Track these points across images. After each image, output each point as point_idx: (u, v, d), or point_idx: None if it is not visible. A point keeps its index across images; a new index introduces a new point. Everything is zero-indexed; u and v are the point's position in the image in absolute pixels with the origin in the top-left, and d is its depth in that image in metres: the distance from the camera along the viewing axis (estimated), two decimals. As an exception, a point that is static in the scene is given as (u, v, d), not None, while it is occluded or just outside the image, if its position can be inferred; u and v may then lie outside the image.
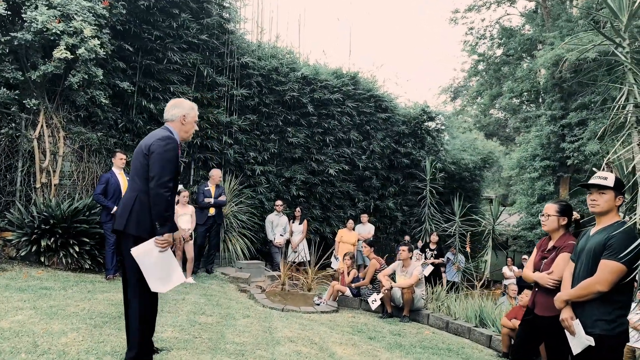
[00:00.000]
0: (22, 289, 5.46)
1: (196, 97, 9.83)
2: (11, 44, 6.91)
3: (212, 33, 9.97)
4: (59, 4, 6.82)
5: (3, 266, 6.78)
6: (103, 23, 7.77)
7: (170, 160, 3.19)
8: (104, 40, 7.74)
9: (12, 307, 4.71)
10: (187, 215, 7.90)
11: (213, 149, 10.09)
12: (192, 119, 3.50)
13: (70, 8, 6.91)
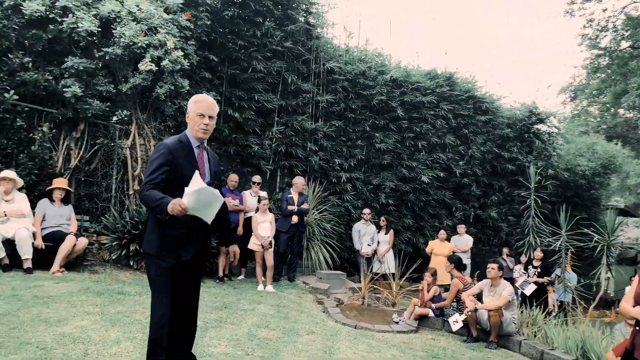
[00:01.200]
0: (99, 293, 5.68)
1: (281, 104, 9.83)
2: (104, 59, 7.35)
3: (297, 40, 9.91)
4: (143, 18, 7.11)
5: (95, 269, 7.19)
6: (188, 35, 8.02)
7: (153, 161, 3.02)
8: (190, 52, 7.98)
9: (82, 312, 4.87)
10: (267, 222, 7.83)
11: (298, 156, 10.00)
12: (193, 114, 3.14)
13: (154, 22, 7.17)
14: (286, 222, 8.44)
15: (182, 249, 3.06)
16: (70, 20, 6.83)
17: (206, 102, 3.18)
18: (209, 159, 3.27)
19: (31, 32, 6.97)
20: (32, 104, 7.13)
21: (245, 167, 9.58)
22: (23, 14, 6.73)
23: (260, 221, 7.76)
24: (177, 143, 3.13)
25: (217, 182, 3.33)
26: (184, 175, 3.00)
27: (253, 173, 9.12)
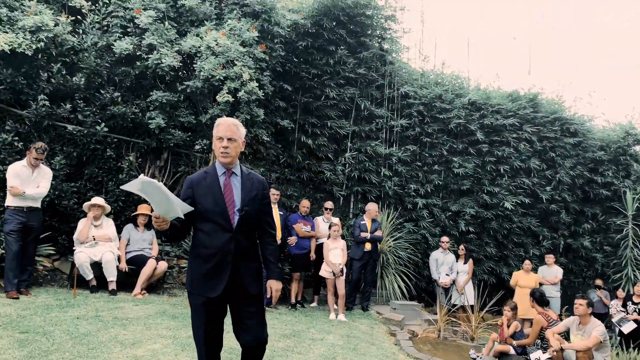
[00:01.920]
0: (174, 317, 5.86)
1: (354, 130, 9.83)
2: (185, 92, 7.78)
3: (370, 66, 9.93)
4: (221, 52, 7.45)
5: (174, 292, 7.48)
6: (263, 66, 8.29)
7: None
8: (265, 82, 8.23)
9: (155, 335, 5.04)
10: (338, 249, 7.76)
11: (371, 181, 9.88)
12: (214, 138, 3.04)
13: (231, 55, 7.49)
14: (359, 249, 8.32)
15: (209, 285, 2.96)
16: (155, 56, 7.32)
17: (224, 124, 3.02)
18: (243, 184, 3.06)
19: (121, 69, 7.55)
20: (121, 135, 7.67)
21: (318, 193, 9.62)
22: (114, 53, 7.32)
23: (332, 248, 7.70)
24: (202, 175, 3.07)
25: (257, 206, 3.06)
26: (205, 208, 2.96)
27: (326, 199, 9.12)
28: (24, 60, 6.88)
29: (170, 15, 7.95)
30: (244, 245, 3.02)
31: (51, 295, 6.18)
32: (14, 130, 6.92)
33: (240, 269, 3.00)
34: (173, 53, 7.47)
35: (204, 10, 7.95)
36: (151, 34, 7.42)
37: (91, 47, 7.27)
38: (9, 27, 6.42)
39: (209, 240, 2.97)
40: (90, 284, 6.71)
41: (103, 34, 7.44)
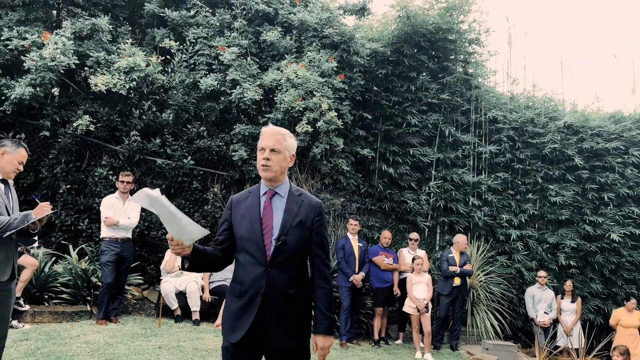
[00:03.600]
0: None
1: (438, 158, 9.42)
2: (266, 124, 7.89)
3: (454, 91, 9.56)
4: (300, 84, 7.51)
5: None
6: (343, 95, 8.26)
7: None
8: (344, 112, 8.18)
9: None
10: (423, 283, 7.32)
11: (459, 211, 9.35)
12: (258, 151, 2.60)
13: (310, 86, 7.53)
14: (447, 284, 7.81)
15: (233, 327, 2.44)
16: (238, 91, 7.53)
17: (267, 133, 2.53)
18: (287, 207, 2.51)
19: (206, 104, 7.85)
20: (206, 167, 7.91)
21: (401, 223, 9.25)
22: (200, 89, 7.63)
23: (416, 282, 7.28)
24: (245, 194, 2.61)
25: (303, 236, 2.47)
26: (239, 235, 2.51)
27: (409, 230, 8.74)
28: (118, 99, 7.37)
29: (253, 51, 8.20)
30: (280, 284, 2.41)
31: (138, 324, 6.35)
32: (109, 165, 7.38)
33: (267, 313, 2.41)
34: (255, 87, 7.65)
35: (284, 45, 8.12)
36: (234, 69, 7.67)
37: (179, 84, 7.64)
38: (106, 69, 6.92)
39: (243, 274, 2.47)
40: (175, 313, 6.83)
41: (190, 72, 7.80)
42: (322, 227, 2.55)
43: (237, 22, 8.05)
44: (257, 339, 2.42)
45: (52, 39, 6.49)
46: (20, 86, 6.48)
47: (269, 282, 2.40)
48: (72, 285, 6.60)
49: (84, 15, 7.20)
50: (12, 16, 6.97)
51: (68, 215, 7.28)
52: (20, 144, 3.72)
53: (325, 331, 2.46)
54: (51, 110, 7.15)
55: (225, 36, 7.99)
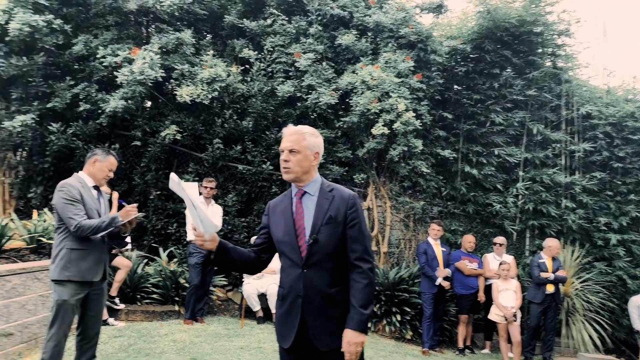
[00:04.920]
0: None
1: (526, 157, 8.88)
2: (342, 128, 7.90)
3: (541, 86, 8.97)
4: (375, 85, 7.43)
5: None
6: (420, 95, 8.05)
7: None
8: (422, 112, 7.97)
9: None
10: (510, 290, 6.91)
11: (550, 214, 8.74)
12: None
13: (385, 87, 7.42)
14: (539, 291, 7.31)
15: (282, 332, 2.46)
16: (314, 96, 7.59)
17: (285, 134, 2.51)
18: (317, 205, 2.42)
19: (283, 110, 8.00)
20: (284, 172, 8.05)
21: (487, 227, 8.81)
22: (277, 96, 7.79)
23: (502, 289, 6.88)
24: (281, 198, 2.62)
25: (336, 232, 2.38)
26: (276, 238, 2.50)
27: (495, 234, 8.31)
28: (202, 109, 7.72)
29: (328, 56, 8.24)
30: (318, 285, 2.35)
31: (222, 324, 6.56)
32: (194, 172, 7.74)
33: (310, 315, 2.35)
34: (330, 91, 7.67)
35: (359, 47, 8.08)
36: (310, 75, 7.75)
37: (258, 92, 7.85)
38: (190, 81, 7.27)
39: (284, 277, 2.47)
40: (257, 315, 6.98)
41: (268, 80, 7.99)
42: (357, 220, 2.41)
43: (313, 28, 8.14)
44: (304, 342, 2.37)
45: (140, 54, 6.93)
46: (114, 100, 6.97)
47: (307, 284, 2.35)
48: (162, 286, 6.97)
49: (170, 31, 7.63)
50: (106, 35, 7.54)
51: (158, 219, 7.72)
52: (109, 152, 3.98)
53: (355, 327, 2.29)
54: (142, 121, 7.64)
55: (301, 43, 8.10)
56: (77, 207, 3.65)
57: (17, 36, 6.80)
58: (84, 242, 3.66)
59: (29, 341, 4.92)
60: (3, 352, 4.56)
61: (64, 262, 3.64)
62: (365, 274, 2.34)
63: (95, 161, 3.89)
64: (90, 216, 3.70)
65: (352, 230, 2.38)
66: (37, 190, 7.63)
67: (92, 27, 7.76)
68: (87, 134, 7.53)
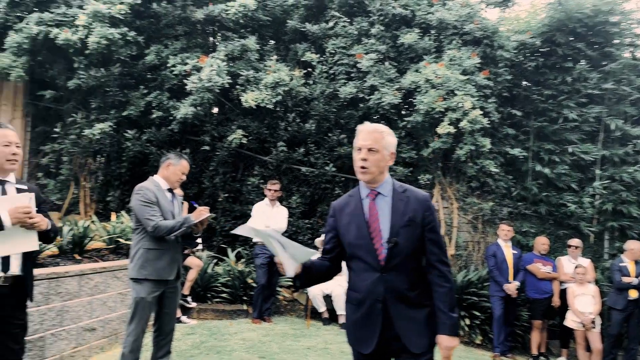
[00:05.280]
0: None
1: (603, 155, 8.36)
2: (406, 128, 7.80)
3: (619, 79, 8.41)
4: (440, 83, 7.28)
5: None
6: (488, 93, 7.80)
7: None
8: (490, 110, 7.72)
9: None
10: (588, 295, 6.54)
11: (631, 215, 8.16)
12: (353, 151, 2.56)
13: (450, 85, 7.25)
14: (621, 297, 6.84)
15: (360, 338, 2.38)
16: (376, 97, 7.55)
17: (364, 131, 2.40)
18: (393, 207, 2.36)
19: (346, 112, 8.01)
20: (348, 174, 8.05)
21: (561, 229, 8.36)
22: (339, 98, 7.81)
23: (579, 294, 6.52)
24: (346, 199, 2.52)
25: (414, 234, 2.33)
26: (348, 241, 2.41)
27: (570, 236, 7.88)
28: (266, 113, 7.90)
29: (390, 55, 8.16)
30: (399, 288, 2.31)
31: (288, 324, 6.66)
32: (259, 174, 7.92)
33: (395, 319, 2.30)
34: (393, 91, 7.60)
35: (422, 46, 7.94)
36: (372, 75, 7.72)
37: (320, 95, 7.91)
38: (255, 86, 7.45)
39: (358, 281, 2.38)
40: (323, 316, 7.02)
41: (330, 82, 8.03)
42: (434, 222, 2.37)
43: (375, 29, 8.10)
44: (388, 346, 2.33)
45: (208, 62, 7.19)
46: (184, 107, 7.28)
47: (388, 287, 2.30)
48: (230, 286, 7.18)
49: (235, 38, 7.86)
50: (176, 45, 7.89)
51: (227, 220, 7.96)
52: (182, 156, 4.16)
53: (449, 331, 2.28)
54: (210, 126, 7.92)
55: (362, 44, 8.09)
56: (154, 208, 3.83)
57: (96, 49, 7.25)
58: (159, 242, 3.84)
59: (110, 336, 5.22)
60: (87, 345, 4.87)
61: (141, 261, 3.83)
62: (446, 277, 2.33)
63: (169, 165, 4.07)
64: (165, 217, 3.88)
65: (430, 233, 2.35)
66: (114, 193, 8.08)
67: (163, 37, 8.14)
68: (160, 140, 7.91)
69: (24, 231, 2.74)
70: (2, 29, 7.67)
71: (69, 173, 8.17)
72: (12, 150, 2.84)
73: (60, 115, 8.32)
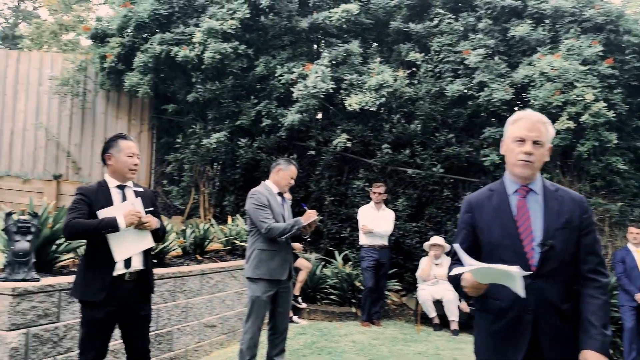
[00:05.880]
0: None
1: None
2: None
3: None
4: (557, 76, 6.78)
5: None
6: (613, 83, 7.13)
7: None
8: (616, 101, 7.05)
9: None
10: None
11: None
12: (509, 140, 2.21)
13: (569, 77, 6.73)
14: None
15: (500, 352, 2.09)
16: (486, 93, 7.22)
17: (527, 120, 2.12)
18: (546, 206, 2.10)
19: (453, 111, 7.76)
20: (456, 175, 7.79)
21: None
22: (446, 97, 7.58)
23: None
24: (485, 194, 2.23)
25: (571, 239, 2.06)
26: (489, 241, 2.13)
27: None
28: (370, 116, 7.90)
29: (500, 50, 7.77)
30: (552, 298, 2.03)
31: (398, 329, 6.59)
32: (364, 177, 7.95)
33: (543, 333, 2.02)
34: (504, 87, 7.22)
35: (536, 37, 7.46)
36: (481, 71, 7.39)
37: (425, 94, 7.75)
38: (358, 90, 7.50)
39: (499, 288, 2.02)
40: (433, 321, 6.84)
41: (436, 81, 7.83)
42: (592, 226, 2.11)
43: (482, 23, 7.76)
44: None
45: (313, 69, 7.37)
46: (291, 114, 7.54)
47: (539, 296, 2.01)
48: (339, 288, 7.27)
49: (338, 43, 7.98)
50: (282, 55, 8.19)
51: (333, 224, 8.08)
52: (291, 162, 4.32)
53: (599, 348, 1.96)
54: (315, 132, 8.11)
55: (469, 39, 7.79)
56: (266, 211, 4.02)
57: (210, 63, 7.76)
58: (272, 243, 4.02)
59: (228, 333, 5.53)
60: (208, 341, 5.20)
61: (256, 261, 4.03)
62: (603, 289, 2.05)
63: (279, 170, 4.25)
64: (276, 220, 4.06)
65: (587, 238, 2.08)
66: (230, 198, 8.57)
67: (270, 48, 8.50)
68: (270, 147, 8.26)
69: (138, 232, 3.03)
70: (130, 50, 8.50)
71: (190, 180, 8.82)
72: (135, 161, 3.13)
73: (181, 127, 9.03)
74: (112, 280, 2.95)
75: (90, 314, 2.94)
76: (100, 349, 2.98)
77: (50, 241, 4.24)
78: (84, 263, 3.04)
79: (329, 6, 8.07)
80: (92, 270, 2.98)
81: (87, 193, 3.01)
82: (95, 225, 2.87)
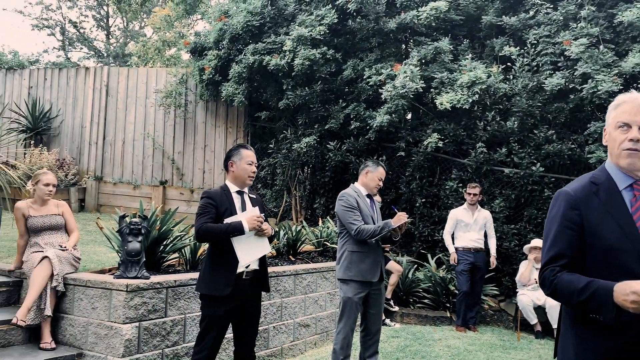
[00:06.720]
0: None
1: None
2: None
3: None
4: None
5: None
6: None
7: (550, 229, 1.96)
8: None
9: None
10: None
11: None
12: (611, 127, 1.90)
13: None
14: None
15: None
16: (590, 85, 6.70)
17: (630, 103, 1.82)
18: None
19: (553, 105, 7.28)
20: (558, 173, 7.30)
21: None
22: (545, 91, 7.14)
23: None
24: (587, 186, 1.87)
25: None
26: (602, 244, 1.77)
27: None
28: (462, 114, 7.65)
29: (606, 38, 7.18)
30: None
31: (495, 335, 6.30)
32: (458, 178, 7.70)
33: None
34: (612, 77, 6.65)
35: (650, 21, 6.80)
36: (584, 62, 6.87)
37: (522, 90, 7.35)
38: (449, 88, 7.29)
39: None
40: (535, 328, 6.47)
41: (533, 75, 7.40)
42: None
43: (585, 10, 7.22)
44: None
45: (401, 69, 7.29)
46: (379, 115, 7.51)
47: None
48: (432, 292, 7.11)
49: (427, 42, 7.82)
50: (370, 57, 8.20)
51: (425, 226, 7.92)
52: (379, 163, 4.32)
53: None
54: (405, 132, 8.01)
55: (570, 29, 7.27)
56: (356, 213, 4.05)
57: (300, 70, 7.96)
58: (362, 245, 4.04)
59: (321, 333, 5.63)
60: (302, 340, 5.33)
61: (347, 263, 4.07)
62: None
63: (368, 172, 4.26)
64: (365, 222, 4.07)
65: None
66: (320, 201, 8.73)
67: (358, 51, 8.54)
68: (358, 149, 8.29)
69: (257, 238, 3.29)
70: (226, 62, 8.96)
71: (282, 183, 9.10)
72: (253, 168, 3.42)
73: (273, 133, 9.36)
74: (235, 278, 3.20)
75: (212, 310, 3.19)
76: (215, 344, 3.22)
77: (158, 242, 4.59)
78: (209, 261, 3.31)
79: (417, 5, 7.94)
80: (216, 269, 3.24)
81: (214, 196, 3.31)
82: (224, 229, 3.16)
